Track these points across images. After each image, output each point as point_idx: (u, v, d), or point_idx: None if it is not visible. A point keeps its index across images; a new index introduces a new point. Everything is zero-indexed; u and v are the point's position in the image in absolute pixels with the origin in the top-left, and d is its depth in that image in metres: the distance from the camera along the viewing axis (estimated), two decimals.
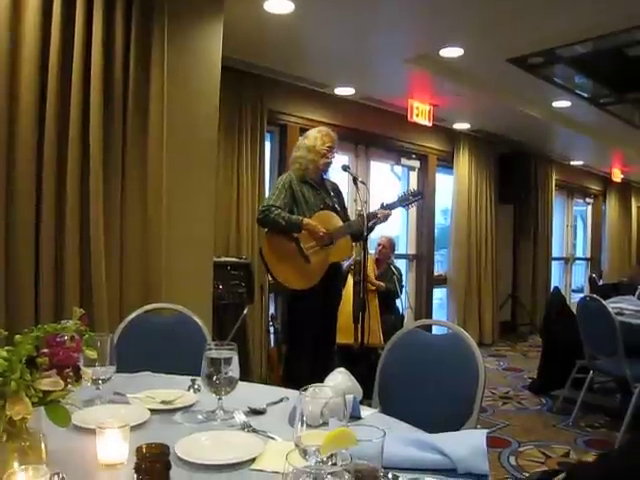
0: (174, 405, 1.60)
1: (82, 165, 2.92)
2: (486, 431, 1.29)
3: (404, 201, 3.86)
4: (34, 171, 2.78)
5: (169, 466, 0.98)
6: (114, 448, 1.19)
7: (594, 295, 4.13)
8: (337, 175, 4.05)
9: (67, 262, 2.87)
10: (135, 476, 0.96)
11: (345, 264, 4.66)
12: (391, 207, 3.80)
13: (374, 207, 3.83)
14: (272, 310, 5.23)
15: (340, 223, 3.70)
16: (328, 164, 3.70)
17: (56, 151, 2.83)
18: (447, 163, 7.34)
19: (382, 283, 5.04)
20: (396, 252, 5.74)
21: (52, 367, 1.08)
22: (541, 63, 4.87)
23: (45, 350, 1.09)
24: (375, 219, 3.68)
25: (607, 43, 4.43)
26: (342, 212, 3.81)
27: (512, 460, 3.48)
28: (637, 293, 4.76)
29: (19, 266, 2.73)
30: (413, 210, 6.98)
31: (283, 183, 3.64)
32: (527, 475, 3.23)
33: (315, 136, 3.69)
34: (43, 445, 1.05)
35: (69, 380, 1.11)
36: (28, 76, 2.72)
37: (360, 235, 3.62)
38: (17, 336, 1.06)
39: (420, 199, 3.99)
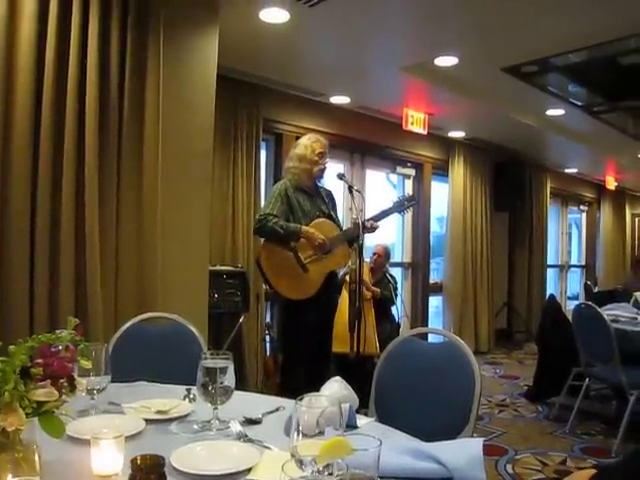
0: (169, 415, 1.59)
1: (77, 173, 2.91)
2: (482, 440, 1.28)
3: (400, 206, 3.87)
4: (29, 179, 2.77)
5: (164, 478, 0.98)
6: (109, 459, 1.18)
7: (589, 302, 4.14)
8: (332, 183, 4.06)
9: (62, 271, 2.85)
10: None
11: (340, 273, 4.66)
12: (387, 213, 3.80)
13: (369, 216, 3.82)
14: (268, 319, 5.22)
15: (336, 231, 3.70)
16: (322, 170, 3.70)
17: (51, 159, 2.82)
18: (442, 171, 7.36)
19: (378, 289, 5.04)
20: (392, 260, 5.74)
21: (46, 377, 1.08)
22: (535, 72, 4.91)
23: (39, 360, 1.08)
24: (365, 229, 3.66)
25: (601, 52, 4.46)
26: (337, 219, 3.81)
27: (509, 468, 3.47)
28: (632, 300, 4.77)
29: (13, 274, 2.72)
30: (408, 218, 7.00)
31: (279, 191, 3.63)
32: None
33: (305, 144, 3.70)
34: (37, 456, 1.04)
35: (63, 390, 1.10)
36: (23, 85, 2.71)
37: (356, 239, 3.61)
38: (11, 346, 1.05)
39: (415, 203, 4.00)
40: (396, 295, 5.26)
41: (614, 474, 0.99)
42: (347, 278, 4.69)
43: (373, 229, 3.73)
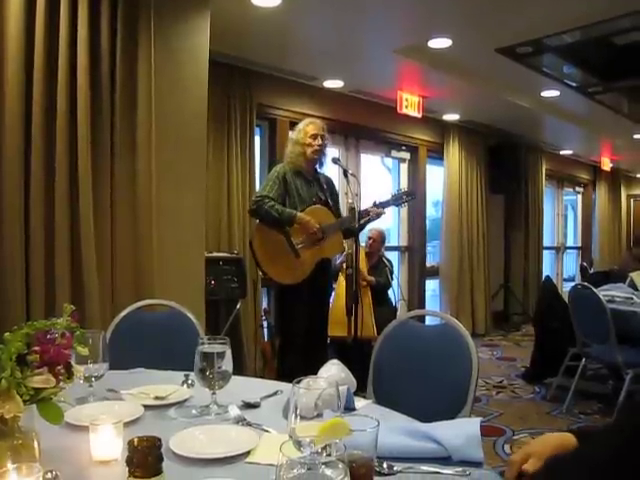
0: (168, 400, 1.60)
1: (70, 161, 2.89)
2: (480, 419, 1.29)
3: (397, 200, 3.86)
4: (22, 167, 2.75)
5: (161, 459, 0.98)
6: (107, 444, 1.19)
7: (585, 283, 4.15)
8: (327, 168, 4.04)
9: (57, 259, 2.85)
10: (127, 469, 0.96)
11: (337, 260, 4.66)
12: (384, 206, 3.80)
13: (365, 199, 3.83)
14: (265, 304, 5.23)
15: (332, 219, 3.70)
16: (316, 152, 3.66)
17: (43, 147, 2.81)
18: (437, 154, 7.34)
19: (373, 278, 5.03)
20: (388, 244, 5.73)
21: (43, 364, 1.08)
22: (529, 53, 4.87)
23: (36, 347, 1.08)
24: (368, 217, 3.68)
25: (595, 32, 4.43)
26: (334, 207, 3.80)
27: (507, 448, 3.50)
28: (627, 281, 4.79)
29: (9, 264, 2.71)
30: None
31: (277, 174, 3.64)
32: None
33: (299, 128, 3.71)
34: (36, 443, 1.04)
35: (61, 377, 1.10)
36: (13, 76, 2.68)
37: (352, 232, 3.62)
38: (7, 334, 1.05)
39: (413, 199, 4.00)
40: (392, 279, 5.26)
41: (596, 449, 0.99)
42: (344, 265, 4.70)
43: (378, 215, 3.74)
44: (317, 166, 3.76)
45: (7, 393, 1.00)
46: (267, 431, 1.37)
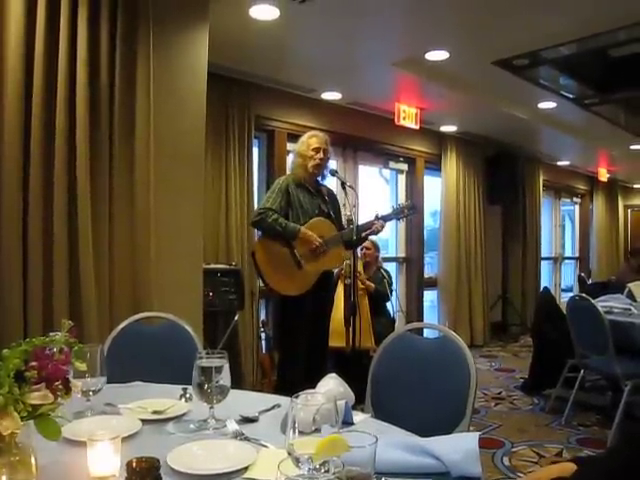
0: (166, 415, 1.59)
1: (69, 174, 2.89)
2: (478, 434, 1.29)
3: (399, 214, 3.86)
4: (21, 179, 2.75)
5: None
6: (105, 460, 1.18)
7: (583, 294, 4.16)
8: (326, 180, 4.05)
9: (55, 273, 2.83)
10: None
11: (335, 270, 4.66)
12: (385, 219, 3.80)
13: (363, 211, 3.83)
14: (263, 316, 5.22)
15: (334, 231, 3.71)
16: (317, 166, 3.68)
17: (42, 162, 2.80)
18: (435, 166, 7.37)
19: (372, 284, 5.04)
20: (386, 255, 5.73)
21: (41, 380, 1.07)
22: (526, 65, 4.90)
23: (34, 363, 1.08)
24: (370, 230, 3.69)
25: (591, 44, 4.46)
26: (336, 219, 3.81)
27: (506, 461, 3.48)
28: (625, 291, 4.79)
29: (7, 278, 2.70)
30: None
31: (280, 186, 3.65)
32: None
33: (302, 141, 3.73)
34: (33, 459, 1.04)
35: (59, 393, 1.10)
36: (13, 90, 2.69)
37: (350, 244, 3.63)
38: (5, 350, 1.05)
39: (415, 213, 4.00)
40: (391, 291, 5.26)
41: (594, 472, 1.00)
42: (342, 273, 4.69)
43: (382, 228, 3.75)
44: (319, 178, 3.77)
45: (4, 410, 0.99)
46: (265, 446, 1.37)
